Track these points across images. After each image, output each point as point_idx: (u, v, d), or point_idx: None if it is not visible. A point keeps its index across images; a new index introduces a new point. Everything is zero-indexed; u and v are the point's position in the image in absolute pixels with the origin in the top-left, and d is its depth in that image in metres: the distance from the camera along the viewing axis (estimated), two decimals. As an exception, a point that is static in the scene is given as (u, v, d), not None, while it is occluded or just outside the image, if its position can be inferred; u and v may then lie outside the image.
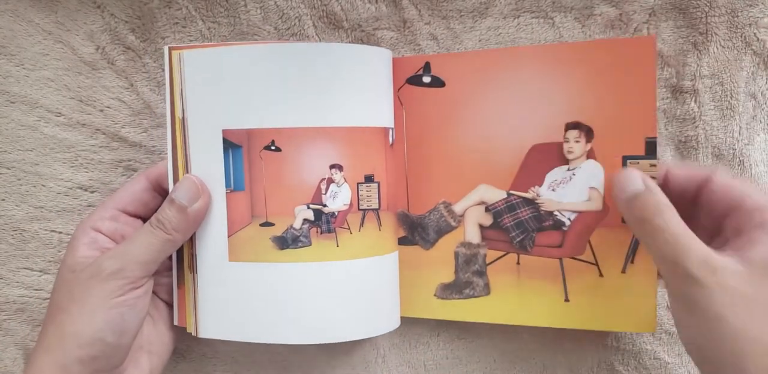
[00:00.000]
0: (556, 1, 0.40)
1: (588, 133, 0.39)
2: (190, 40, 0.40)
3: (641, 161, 0.38)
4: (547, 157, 0.40)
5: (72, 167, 0.42)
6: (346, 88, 0.37)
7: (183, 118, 0.37)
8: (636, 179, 0.33)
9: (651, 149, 0.37)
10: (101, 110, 0.41)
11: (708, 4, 0.40)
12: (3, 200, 0.42)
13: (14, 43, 0.41)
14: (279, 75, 0.36)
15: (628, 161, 0.38)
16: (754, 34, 0.40)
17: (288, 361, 0.43)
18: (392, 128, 0.39)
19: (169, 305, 0.39)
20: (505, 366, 0.43)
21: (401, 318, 0.40)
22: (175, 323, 0.39)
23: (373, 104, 0.38)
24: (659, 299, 0.41)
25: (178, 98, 0.37)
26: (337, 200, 0.38)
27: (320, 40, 0.40)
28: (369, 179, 0.39)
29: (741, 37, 0.40)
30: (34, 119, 0.41)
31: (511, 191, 0.40)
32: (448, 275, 0.40)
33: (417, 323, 0.42)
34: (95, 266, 0.34)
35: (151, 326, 0.38)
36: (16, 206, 0.42)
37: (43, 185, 0.42)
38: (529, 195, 0.39)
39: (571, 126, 0.39)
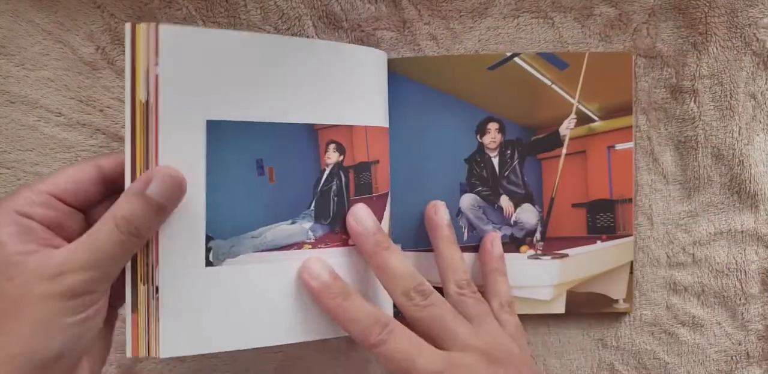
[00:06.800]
0: (555, 1, 0.40)
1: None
2: (190, 40, 0.40)
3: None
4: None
5: (72, 167, 0.42)
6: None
7: (147, 102, 0.31)
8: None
9: None
10: (101, 110, 0.41)
11: (708, 5, 0.40)
12: (3, 200, 0.42)
13: (14, 43, 0.41)
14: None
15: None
16: (754, 34, 0.40)
17: (288, 361, 0.43)
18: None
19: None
20: (504, 366, 0.43)
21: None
22: (128, 355, 0.31)
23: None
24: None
25: (143, 78, 0.31)
26: None
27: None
28: None
29: (741, 37, 0.40)
30: (34, 119, 0.41)
31: None
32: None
33: (417, 323, 0.42)
34: (49, 276, 0.27)
35: None
36: (16, 206, 0.42)
37: (43, 185, 0.42)
38: None
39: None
